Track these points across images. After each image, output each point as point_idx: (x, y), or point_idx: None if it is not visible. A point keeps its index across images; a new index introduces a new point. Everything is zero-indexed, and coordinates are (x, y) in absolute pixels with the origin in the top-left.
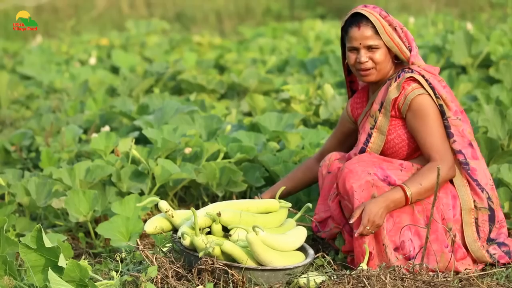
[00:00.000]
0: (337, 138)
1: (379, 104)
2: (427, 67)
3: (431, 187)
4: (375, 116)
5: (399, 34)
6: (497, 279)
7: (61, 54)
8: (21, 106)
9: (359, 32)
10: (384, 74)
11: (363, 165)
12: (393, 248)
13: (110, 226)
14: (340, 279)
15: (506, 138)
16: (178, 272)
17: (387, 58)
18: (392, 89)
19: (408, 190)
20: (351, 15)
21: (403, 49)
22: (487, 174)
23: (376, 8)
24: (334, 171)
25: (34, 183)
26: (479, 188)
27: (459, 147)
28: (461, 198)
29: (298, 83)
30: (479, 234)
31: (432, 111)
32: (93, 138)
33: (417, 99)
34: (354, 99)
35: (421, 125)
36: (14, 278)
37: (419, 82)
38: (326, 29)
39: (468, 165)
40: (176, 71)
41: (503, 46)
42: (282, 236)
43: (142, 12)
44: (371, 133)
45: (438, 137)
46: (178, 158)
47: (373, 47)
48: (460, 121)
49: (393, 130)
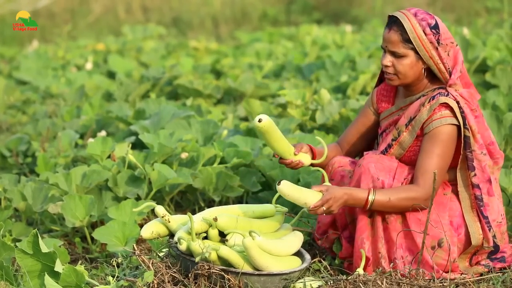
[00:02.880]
0: (358, 130)
1: (408, 119)
2: (465, 92)
3: (397, 205)
4: (400, 129)
5: (440, 53)
6: (493, 284)
7: (58, 59)
8: (17, 111)
9: (387, 35)
10: (410, 83)
11: (379, 168)
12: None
13: (106, 231)
14: (337, 284)
15: (502, 143)
16: (175, 277)
17: (415, 70)
18: (425, 111)
19: (371, 196)
20: (391, 15)
21: (441, 69)
22: (500, 211)
23: (424, 20)
24: (337, 179)
25: (30, 188)
26: (487, 226)
27: (478, 181)
28: (472, 234)
29: (295, 88)
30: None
31: (447, 142)
32: (89, 143)
33: (442, 127)
34: (380, 90)
35: (429, 147)
36: (10, 283)
37: (452, 110)
38: (323, 34)
39: (482, 201)
40: (172, 76)
41: (500, 51)
42: (278, 241)
43: (139, 17)
44: (392, 144)
45: (436, 165)
46: (174, 163)
47: (398, 55)
48: (484, 155)
49: (413, 147)
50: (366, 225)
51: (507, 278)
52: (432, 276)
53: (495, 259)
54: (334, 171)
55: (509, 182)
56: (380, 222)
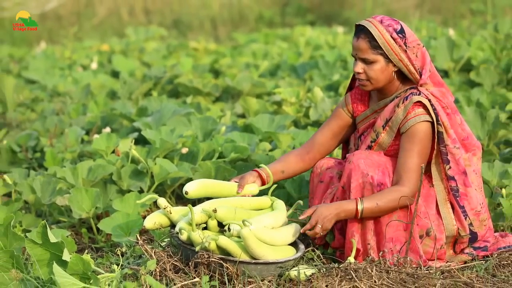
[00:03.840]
0: (332, 131)
1: (384, 121)
2: (435, 91)
3: (386, 208)
4: (377, 131)
5: (408, 55)
6: (476, 271)
7: (64, 59)
8: (26, 109)
9: (356, 44)
10: (382, 86)
11: (368, 164)
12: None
13: (111, 222)
14: (329, 271)
15: (486, 138)
16: (176, 265)
17: (386, 74)
18: (400, 111)
19: (360, 205)
20: (357, 24)
21: (411, 70)
22: (479, 200)
23: (390, 26)
24: (326, 180)
25: (39, 181)
26: (463, 215)
27: (453, 173)
28: (446, 226)
29: (289, 87)
30: (454, 250)
31: (424, 139)
32: (95, 139)
33: (417, 126)
34: (355, 94)
35: (408, 145)
36: (21, 271)
37: (425, 107)
38: (316, 35)
39: (458, 191)
40: (173, 75)
41: (483, 51)
42: (274, 231)
43: (141, 20)
44: (371, 146)
45: (416, 163)
46: (175, 157)
47: (368, 61)
48: (458, 149)
49: (392, 146)
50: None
51: (489, 265)
52: (419, 264)
53: (478, 248)
54: (323, 173)
55: (492, 175)
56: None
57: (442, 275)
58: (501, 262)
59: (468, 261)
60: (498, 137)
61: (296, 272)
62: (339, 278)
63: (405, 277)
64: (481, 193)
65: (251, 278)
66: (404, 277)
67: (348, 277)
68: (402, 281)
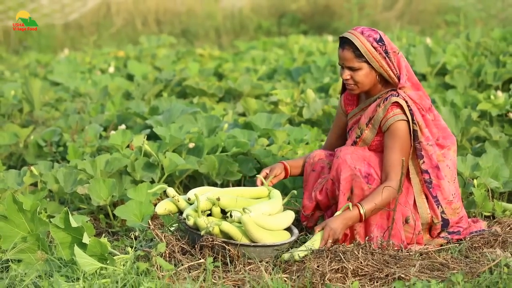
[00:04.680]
0: (335, 133)
1: (367, 118)
2: (413, 94)
3: (383, 205)
4: (361, 128)
5: (388, 61)
6: (451, 253)
7: (85, 64)
8: (51, 108)
9: (342, 54)
10: (368, 89)
11: (354, 158)
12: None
13: (126, 209)
14: (320, 254)
15: (459, 134)
16: (183, 247)
17: (370, 78)
18: (380, 110)
19: (361, 210)
20: (341, 36)
21: (390, 75)
22: (450, 191)
23: (370, 36)
24: (318, 169)
25: (62, 173)
26: (436, 204)
27: (426, 167)
28: (421, 214)
29: (285, 88)
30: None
31: (404, 136)
32: (111, 135)
33: (396, 124)
34: (346, 96)
35: (391, 143)
36: (45, 252)
37: (402, 107)
38: (308, 43)
39: (431, 183)
40: (181, 78)
41: (457, 57)
42: (271, 217)
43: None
44: (356, 141)
45: (399, 158)
46: (183, 151)
47: (354, 68)
48: (431, 146)
49: (375, 142)
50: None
51: (462, 248)
52: (400, 247)
53: (453, 232)
54: (315, 163)
55: (465, 167)
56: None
57: (421, 256)
58: (473, 245)
59: (444, 244)
60: (470, 133)
61: (290, 254)
62: (329, 259)
63: (387, 258)
64: (454, 185)
65: (251, 259)
66: (387, 259)
67: (337, 259)
68: (385, 262)
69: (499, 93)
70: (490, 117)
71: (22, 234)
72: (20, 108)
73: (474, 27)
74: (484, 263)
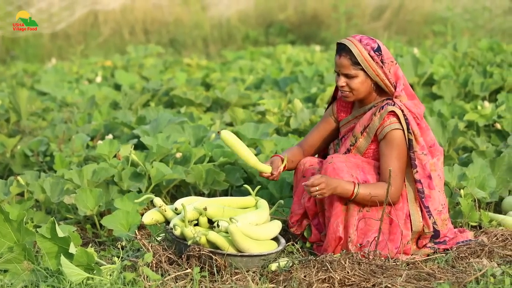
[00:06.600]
0: (321, 135)
1: (362, 127)
2: (409, 103)
3: (374, 200)
4: (356, 136)
5: (384, 70)
6: (438, 263)
7: (72, 74)
8: (38, 117)
9: (339, 61)
10: (363, 97)
11: (349, 166)
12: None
13: (112, 219)
14: (307, 263)
15: (446, 144)
16: (170, 257)
17: (365, 86)
18: (376, 119)
19: (356, 189)
20: (339, 42)
21: (387, 84)
22: (440, 201)
23: (368, 45)
24: (308, 176)
25: (49, 182)
26: (428, 215)
27: (419, 177)
28: (413, 222)
29: (272, 98)
30: (417, 245)
31: (401, 145)
32: (98, 145)
33: (392, 133)
34: (340, 102)
35: (387, 152)
36: (32, 262)
37: (398, 117)
38: (296, 53)
39: (424, 193)
40: (169, 88)
41: (444, 67)
42: (258, 227)
43: (141, 39)
44: (350, 149)
45: (397, 166)
46: (170, 161)
47: (350, 76)
48: (425, 156)
49: (369, 150)
50: (341, 211)
51: (449, 258)
52: (387, 256)
53: (439, 242)
54: (306, 170)
55: (452, 177)
56: (356, 212)
57: (408, 266)
58: (459, 255)
59: (431, 254)
60: (457, 143)
61: (277, 264)
62: (316, 269)
63: (374, 268)
64: (443, 195)
65: (238, 269)
66: (374, 268)
67: (324, 269)
68: (372, 271)
69: (486, 104)
70: (477, 127)
71: (9, 244)
72: (7, 117)
73: (462, 37)
74: (471, 273)
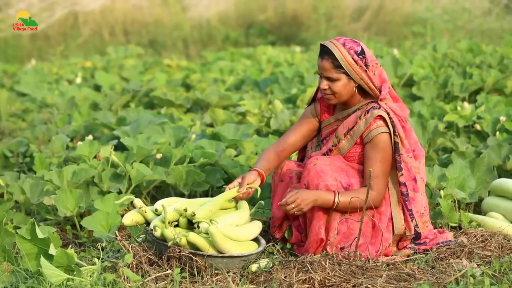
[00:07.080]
0: (303, 134)
1: (346, 129)
2: (394, 106)
3: (357, 206)
4: (339, 138)
5: (368, 74)
6: (418, 264)
7: (52, 74)
8: (18, 118)
9: (321, 64)
10: (346, 100)
11: (333, 170)
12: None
13: (93, 220)
14: (287, 264)
15: (426, 145)
16: (151, 258)
17: (348, 89)
18: (362, 123)
19: (337, 198)
20: (322, 44)
21: (371, 87)
22: (423, 203)
23: (351, 48)
24: (286, 180)
25: (28, 183)
26: (410, 217)
27: (404, 180)
28: (395, 225)
29: (253, 99)
30: (398, 247)
31: (386, 148)
32: (78, 146)
33: (379, 136)
34: (323, 102)
35: (372, 155)
36: (11, 263)
37: (385, 120)
38: (276, 54)
39: (408, 196)
40: (149, 89)
41: (424, 68)
42: (238, 228)
43: (121, 39)
44: (332, 149)
45: (380, 170)
46: (150, 162)
47: (332, 79)
48: (410, 158)
49: (351, 153)
50: (323, 214)
51: (429, 258)
52: (367, 257)
53: (419, 243)
54: (284, 174)
55: (432, 178)
56: (338, 216)
57: (388, 267)
58: (439, 256)
59: (411, 254)
60: (437, 144)
61: (258, 265)
62: (296, 270)
63: (355, 269)
64: (425, 197)
65: (218, 270)
66: (354, 269)
67: (304, 269)
68: (352, 272)
69: (466, 104)
70: (456, 128)
71: None
72: None
73: (441, 38)
74: (451, 273)
